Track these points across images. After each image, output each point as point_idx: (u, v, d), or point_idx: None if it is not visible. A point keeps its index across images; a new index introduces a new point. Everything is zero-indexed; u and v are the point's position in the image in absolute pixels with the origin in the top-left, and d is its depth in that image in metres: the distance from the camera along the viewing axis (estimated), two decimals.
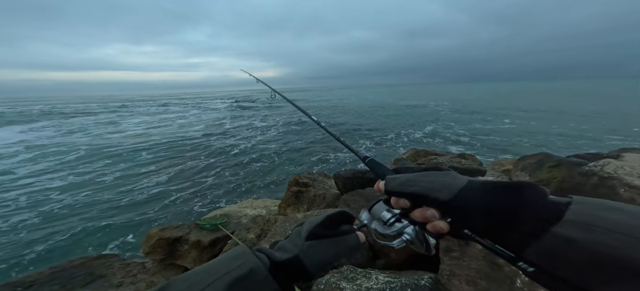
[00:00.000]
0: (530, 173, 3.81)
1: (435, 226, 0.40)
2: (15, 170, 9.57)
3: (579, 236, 0.29)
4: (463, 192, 0.38)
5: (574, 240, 0.29)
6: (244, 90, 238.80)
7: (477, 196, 0.37)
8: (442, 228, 0.39)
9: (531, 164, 3.93)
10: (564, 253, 0.29)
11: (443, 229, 0.39)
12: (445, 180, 0.40)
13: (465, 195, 0.38)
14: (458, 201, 0.38)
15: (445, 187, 0.39)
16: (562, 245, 0.29)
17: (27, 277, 2.67)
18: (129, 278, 2.58)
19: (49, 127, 21.21)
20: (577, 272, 0.28)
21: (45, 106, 51.31)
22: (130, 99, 70.24)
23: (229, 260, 0.40)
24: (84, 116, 30.07)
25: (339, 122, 20.51)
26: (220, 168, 9.86)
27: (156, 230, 2.62)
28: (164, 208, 6.64)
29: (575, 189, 2.88)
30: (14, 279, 2.62)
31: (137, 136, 16.80)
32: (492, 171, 4.24)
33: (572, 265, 0.29)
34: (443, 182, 0.40)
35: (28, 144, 14.42)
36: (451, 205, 0.38)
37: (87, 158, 11.27)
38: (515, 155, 5.29)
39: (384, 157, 10.54)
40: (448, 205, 0.38)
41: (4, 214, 6.17)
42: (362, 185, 2.26)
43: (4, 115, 32.39)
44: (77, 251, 4.84)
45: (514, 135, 15.00)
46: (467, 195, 0.38)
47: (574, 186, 2.94)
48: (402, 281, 1.29)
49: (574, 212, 0.31)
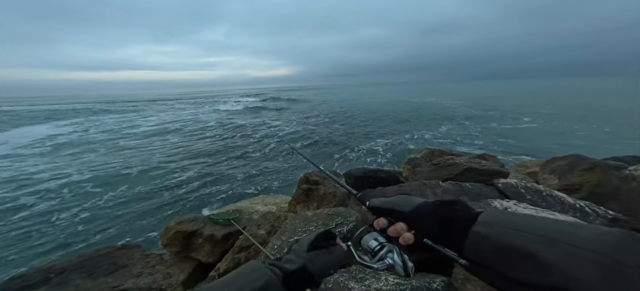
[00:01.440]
0: (559, 176, 3.53)
1: (404, 238, 0.51)
2: (45, 164, 10.43)
3: (485, 232, 0.42)
4: (419, 207, 0.52)
5: (484, 235, 0.41)
6: (258, 89, 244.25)
7: (428, 210, 0.51)
8: (409, 238, 0.50)
9: (561, 166, 3.64)
10: (480, 245, 0.42)
11: (410, 239, 0.50)
12: (407, 199, 0.55)
13: (420, 209, 0.52)
14: (416, 212, 0.52)
15: (407, 203, 0.54)
16: (479, 239, 0.42)
17: (59, 264, 2.89)
18: (147, 269, 2.71)
19: (78, 124, 22.93)
20: (489, 258, 0.40)
21: (79, 104, 55.55)
22: (153, 98, 74.34)
23: (246, 274, 0.47)
24: (111, 114, 32.19)
25: (354, 121, 20.26)
26: (234, 164, 10.16)
27: (173, 223, 2.73)
28: (180, 201, 6.94)
29: (612, 194, 2.62)
30: (48, 264, 2.84)
31: (156, 132, 17.73)
32: (516, 173, 3.98)
33: (486, 252, 0.41)
34: (406, 200, 0.54)
35: (59, 140, 15.66)
36: (411, 216, 0.52)
37: (115, 153, 12.04)
38: (535, 157, 4.95)
39: (398, 157, 10.29)
40: (409, 215, 0.52)
41: (42, 202, 6.74)
42: (373, 185, 2.21)
43: (44, 111, 35.46)
44: (104, 241, 5.18)
45: (536, 135, 14.05)
46: (421, 209, 0.52)
47: (611, 191, 2.67)
48: (413, 283, 1.23)
49: (484, 216, 0.44)
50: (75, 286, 2.63)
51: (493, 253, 0.40)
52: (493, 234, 0.40)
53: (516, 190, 2.56)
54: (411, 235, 0.50)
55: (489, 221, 0.43)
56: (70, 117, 29.04)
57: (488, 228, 0.42)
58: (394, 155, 10.99)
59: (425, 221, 0.50)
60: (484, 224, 0.43)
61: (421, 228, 0.50)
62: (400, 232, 0.51)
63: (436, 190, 2.49)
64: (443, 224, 0.48)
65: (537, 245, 0.36)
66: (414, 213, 0.51)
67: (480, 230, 0.42)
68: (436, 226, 0.48)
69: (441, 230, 0.48)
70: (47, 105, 52.25)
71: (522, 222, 0.40)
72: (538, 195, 2.44)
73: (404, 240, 0.50)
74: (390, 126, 17.87)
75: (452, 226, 0.47)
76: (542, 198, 2.38)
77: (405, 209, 0.53)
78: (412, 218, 0.52)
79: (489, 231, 0.41)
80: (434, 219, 0.49)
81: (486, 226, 0.42)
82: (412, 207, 0.52)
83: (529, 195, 2.47)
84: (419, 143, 12.83)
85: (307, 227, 1.98)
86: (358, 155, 11.26)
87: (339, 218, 2.02)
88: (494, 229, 0.41)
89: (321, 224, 1.98)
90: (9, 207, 6.57)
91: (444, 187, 2.58)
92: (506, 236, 0.39)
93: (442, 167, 3.00)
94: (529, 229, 0.38)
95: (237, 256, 2.08)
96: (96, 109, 39.21)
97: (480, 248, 0.41)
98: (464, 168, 3.14)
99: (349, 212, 2.04)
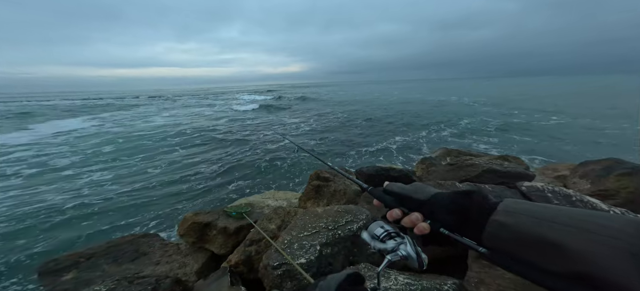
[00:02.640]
0: (592, 180, 3.25)
1: (419, 228, 0.50)
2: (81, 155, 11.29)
3: (504, 220, 0.42)
4: (435, 196, 0.52)
5: (503, 223, 0.41)
6: (269, 85, 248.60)
7: (444, 199, 0.50)
8: (424, 228, 0.49)
9: (595, 170, 3.35)
10: (500, 233, 0.42)
11: (425, 229, 0.49)
12: (423, 187, 0.55)
13: (436, 197, 0.51)
14: (432, 201, 0.51)
15: (423, 191, 0.53)
16: (498, 228, 0.42)
17: (89, 249, 3.11)
18: (165, 257, 2.85)
19: (109, 117, 24.65)
20: (509, 246, 0.40)
21: (110, 98, 59.72)
22: (178, 93, 78.26)
23: None
24: (138, 107, 34.25)
25: (364, 120, 19.95)
26: (247, 159, 10.40)
27: (191, 214, 2.84)
28: (197, 193, 7.23)
29: None
30: (79, 250, 3.07)
31: (176, 125, 18.59)
32: (542, 176, 3.72)
33: (506, 240, 0.41)
34: (422, 188, 0.55)
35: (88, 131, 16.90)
36: (427, 204, 0.51)
37: (138, 145, 12.79)
38: (565, 160, 4.60)
39: (411, 157, 10.01)
40: (425, 203, 0.51)
41: (82, 187, 7.31)
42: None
43: (81, 105, 38.48)
44: (130, 228, 5.55)
45: (567, 136, 13.03)
46: (438, 198, 0.51)
47: None
48: (423, 284, 1.19)
49: (503, 205, 0.44)
50: (102, 271, 2.83)
51: (513, 241, 0.40)
52: (513, 223, 0.40)
53: (542, 194, 2.40)
54: (427, 225, 0.49)
55: (509, 210, 0.42)
56: (98, 111, 31.21)
57: (507, 217, 0.41)
58: (407, 155, 10.72)
59: (441, 211, 0.49)
60: (504, 213, 0.42)
61: (437, 218, 0.49)
62: (416, 222, 0.50)
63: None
64: (460, 214, 0.48)
65: (560, 234, 0.35)
66: (430, 202, 0.51)
67: (500, 218, 0.42)
68: (453, 216, 0.48)
69: (458, 220, 0.47)
70: (81, 100, 56.64)
71: (543, 212, 0.39)
72: (567, 199, 2.27)
73: (420, 229, 0.49)
74: (403, 125, 17.41)
75: (469, 216, 0.46)
76: (572, 204, 2.21)
77: (422, 197, 0.52)
78: (428, 207, 0.51)
79: (509, 219, 0.41)
80: (450, 209, 0.49)
81: (506, 215, 0.42)
82: (428, 196, 0.52)
83: (557, 200, 2.30)
84: (434, 143, 12.39)
85: (317, 223, 1.97)
86: (368, 153, 11.10)
87: (349, 216, 1.99)
88: (514, 217, 0.41)
89: (331, 221, 1.97)
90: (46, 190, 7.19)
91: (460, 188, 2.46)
92: (527, 224, 0.39)
93: (460, 167, 2.87)
94: (551, 218, 0.38)
95: (248, 249, 2.12)
96: (122, 104, 41.98)
97: (500, 237, 0.41)
98: (483, 169, 2.98)
99: (359, 210, 2.01)
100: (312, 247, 1.73)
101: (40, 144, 13.70)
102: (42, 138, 15.17)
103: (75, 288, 2.55)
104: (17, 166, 9.92)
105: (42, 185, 7.96)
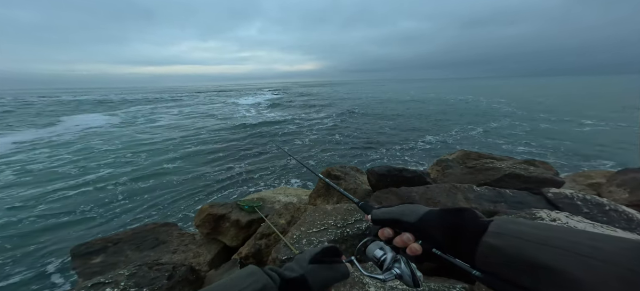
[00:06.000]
0: (631, 190, 2.95)
1: (411, 249, 0.48)
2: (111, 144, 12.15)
3: (494, 242, 0.40)
4: (424, 216, 0.49)
5: (493, 246, 0.40)
6: (283, 82, 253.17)
7: (434, 218, 0.48)
8: (416, 249, 0.48)
9: (636, 179, 3.04)
10: (491, 256, 0.40)
11: (417, 250, 0.48)
12: (413, 208, 0.52)
13: (426, 217, 0.49)
14: (422, 222, 0.49)
15: (412, 213, 0.51)
16: (489, 250, 0.40)
17: (116, 235, 3.35)
18: (182, 247, 3.00)
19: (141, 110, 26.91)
20: (500, 269, 0.39)
21: (146, 94, 64.68)
22: (197, 90, 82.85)
23: (243, 278, 0.47)
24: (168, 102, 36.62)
25: (378, 119, 19.57)
26: (261, 154, 10.66)
27: (207, 206, 2.97)
28: (213, 186, 7.58)
29: None
30: (108, 236, 3.32)
31: (197, 119, 19.48)
32: (573, 183, 3.44)
33: (496, 263, 0.39)
34: (411, 209, 0.52)
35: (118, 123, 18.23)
36: (417, 226, 0.49)
37: (164, 138, 13.52)
38: (591, 167, 4.21)
39: (428, 157, 9.66)
40: (415, 225, 0.49)
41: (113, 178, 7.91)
42: (397, 184, 2.10)
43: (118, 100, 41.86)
44: (152, 217, 5.93)
45: (598, 141, 11.91)
46: (427, 217, 0.49)
47: None
48: (431, 286, 1.15)
49: (494, 225, 0.42)
50: (126, 256, 3.03)
51: (504, 264, 0.38)
52: (502, 245, 0.39)
53: (571, 202, 2.22)
54: (419, 246, 0.48)
55: (498, 231, 0.41)
56: (130, 105, 33.65)
57: (497, 239, 0.40)
58: (421, 156, 10.38)
59: (432, 230, 0.48)
60: (493, 234, 0.41)
61: (429, 238, 0.48)
62: (407, 243, 0.50)
63: (468, 195, 2.27)
64: (451, 233, 0.46)
65: (551, 257, 0.34)
66: (420, 223, 0.49)
67: (490, 240, 0.41)
68: (443, 235, 0.47)
69: (449, 240, 0.46)
70: (120, 95, 61.82)
71: (535, 232, 0.38)
72: (599, 208, 2.08)
73: (412, 250, 0.49)
74: (417, 126, 16.85)
75: (460, 235, 0.45)
76: (604, 213, 2.02)
77: (411, 219, 0.50)
78: (418, 228, 0.49)
79: (498, 241, 0.40)
80: (441, 228, 0.47)
81: (495, 237, 0.40)
82: (418, 217, 0.50)
83: (587, 208, 2.12)
84: (450, 146, 11.89)
85: (326, 220, 1.97)
86: (380, 154, 10.91)
87: (358, 215, 1.97)
88: (503, 239, 0.39)
89: (340, 219, 1.96)
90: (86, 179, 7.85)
91: (478, 192, 2.34)
92: (517, 247, 0.38)
93: (479, 170, 2.73)
94: (542, 240, 0.36)
95: (258, 242, 2.17)
96: (151, 98, 44.97)
97: (490, 259, 0.40)
98: (505, 173, 2.81)
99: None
100: (320, 244, 1.73)
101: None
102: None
103: (102, 271, 2.76)
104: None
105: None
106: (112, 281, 1.66)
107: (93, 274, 2.54)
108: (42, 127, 18.25)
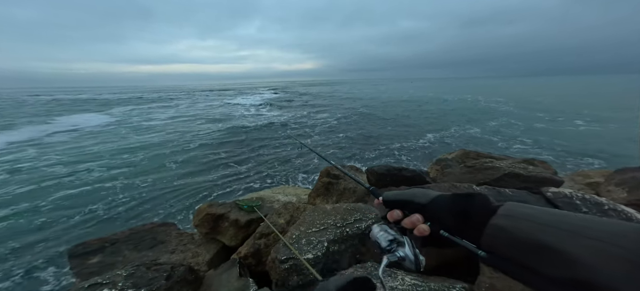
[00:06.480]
0: (630, 189, 2.97)
1: (419, 229, 0.50)
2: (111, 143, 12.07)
3: (503, 223, 0.41)
4: (436, 199, 0.51)
5: (502, 227, 0.41)
6: (281, 81, 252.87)
7: (445, 202, 0.50)
8: (424, 230, 0.49)
9: (635, 178, 3.06)
10: (498, 237, 0.41)
11: (425, 231, 0.49)
12: (424, 192, 0.54)
13: (437, 200, 0.50)
14: (433, 204, 0.50)
15: (424, 195, 0.52)
16: (497, 231, 0.41)
17: (113, 235, 3.32)
18: (180, 246, 2.98)
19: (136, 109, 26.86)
20: (507, 250, 0.40)
21: (143, 93, 64.35)
22: (196, 89, 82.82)
23: None
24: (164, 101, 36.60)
25: (376, 119, 19.58)
26: (260, 153, 10.65)
27: (205, 206, 2.95)
28: (211, 186, 7.54)
29: None
30: (105, 236, 3.29)
31: (194, 120, 19.40)
32: (572, 182, 3.45)
33: (504, 244, 0.40)
34: (423, 192, 0.53)
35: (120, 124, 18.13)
36: (428, 207, 0.51)
37: (163, 136, 13.46)
38: (588, 166, 4.24)
39: (428, 157, 9.67)
40: (426, 207, 0.51)
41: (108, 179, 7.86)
42: (397, 183, 2.09)
43: (114, 99, 41.67)
44: (149, 217, 5.88)
45: (595, 139, 11.98)
46: (438, 200, 0.50)
47: None
48: (431, 286, 1.14)
49: (504, 208, 0.43)
50: (123, 256, 3.00)
51: (511, 245, 0.39)
52: (511, 226, 0.40)
53: (570, 201, 2.22)
54: (427, 227, 0.49)
55: (508, 213, 0.42)
56: (127, 104, 33.49)
57: (506, 221, 0.41)
58: (421, 155, 10.40)
59: (442, 213, 0.49)
60: (503, 216, 0.42)
61: (438, 220, 0.49)
62: (416, 224, 0.51)
63: None
64: (460, 216, 0.47)
65: (559, 239, 0.35)
66: (430, 205, 0.50)
67: (499, 222, 0.41)
68: (453, 218, 0.47)
69: (458, 223, 0.47)
70: (117, 94, 61.47)
71: (544, 216, 0.39)
72: (598, 207, 2.09)
73: (419, 231, 0.50)
74: (416, 125, 16.88)
75: (469, 218, 0.46)
76: (603, 212, 2.03)
77: (422, 201, 0.52)
78: (428, 210, 0.51)
79: (508, 223, 0.40)
80: (451, 211, 0.48)
81: (505, 219, 0.41)
82: (429, 199, 0.51)
83: (586, 208, 2.12)
84: (449, 145, 11.92)
85: (325, 220, 1.97)
86: (379, 153, 10.92)
87: (358, 214, 1.97)
88: (513, 221, 0.40)
89: (339, 218, 1.95)
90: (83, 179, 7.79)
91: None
92: (525, 228, 0.38)
93: (478, 169, 2.73)
94: (551, 222, 0.37)
95: (258, 242, 2.16)
96: (148, 98, 44.75)
97: (498, 240, 0.41)
98: (504, 172, 2.81)
99: (369, 209, 1.97)
100: (320, 243, 1.73)
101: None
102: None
103: (99, 272, 2.73)
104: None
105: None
106: (109, 281, 1.64)
107: (90, 274, 2.51)
108: (38, 124, 18.16)
